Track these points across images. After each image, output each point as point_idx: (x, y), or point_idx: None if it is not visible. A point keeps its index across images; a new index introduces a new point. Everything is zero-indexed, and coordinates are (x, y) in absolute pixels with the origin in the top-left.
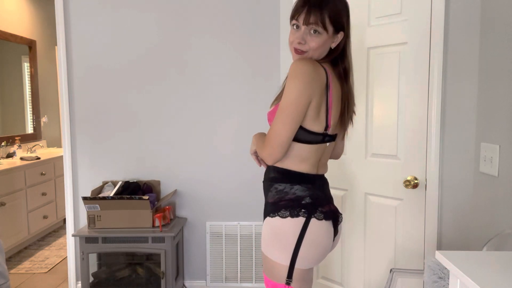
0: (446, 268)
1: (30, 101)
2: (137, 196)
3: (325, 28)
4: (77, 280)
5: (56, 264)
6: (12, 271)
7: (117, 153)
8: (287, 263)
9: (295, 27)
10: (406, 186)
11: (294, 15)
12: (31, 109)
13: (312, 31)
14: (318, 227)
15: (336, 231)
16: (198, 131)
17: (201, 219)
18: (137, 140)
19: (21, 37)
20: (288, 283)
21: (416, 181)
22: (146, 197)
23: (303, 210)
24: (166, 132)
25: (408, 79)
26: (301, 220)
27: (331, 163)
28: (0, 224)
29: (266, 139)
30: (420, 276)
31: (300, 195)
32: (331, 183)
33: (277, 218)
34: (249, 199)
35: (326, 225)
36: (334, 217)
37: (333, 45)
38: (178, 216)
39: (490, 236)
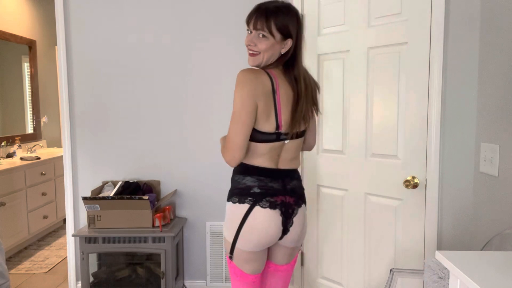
0: (446, 268)
1: (30, 101)
2: (137, 196)
3: (271, 33)
4: (77, 280)
5: (56, 264)
6: (12, 271)
7: (117, 153)
8: (231, 240)
9: (248, 32)
10: (406, 186)
11: (247, 21)
12: (31, 109)
13: (260, 35)
14: (261, 214)
15: (289, 222)
16: (198, 131)
17: (201, 219)
18: (137, 140)
19: (21, 37)
20: (230, 257)
21: (416, 181)
22: (146, 197)
23: (249, 198)
24: (166, 132)
25: (408, 79)
26: (245, 206)
27: (333, 164)
28: (0, 224)
29: (225, 145)
30: (420, 276)
31: (250, 185)
32: (331, 183)
33: (230, 203)
34: None
35: (270, 213)
36: (285, 208)
37: (283, 51)
38: (178, 216)
39: (490, 236)
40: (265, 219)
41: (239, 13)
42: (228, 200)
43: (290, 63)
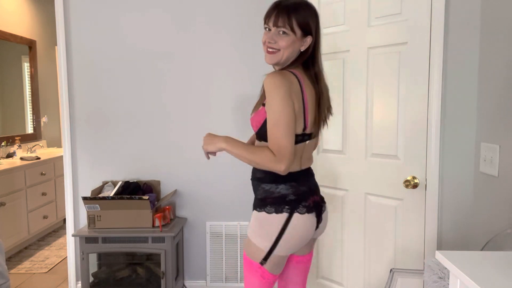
0: (446, 268)
1: (30, 101)
2: (137, 196)
3: (292, 30)
4: (77, 280)
5: (56, 264)
6: (12, 271)
7: (117, 153)
8: (266, 249)
9: (267, 30)
10: (406, 186)
11: (266, 19)
12: (31, 109)
13: (280, 32)
14: (300, 220)
15: (320, 219)
16: (198, 131)
17: (201, 219)
18: (137, 140)
19: (21, 37)
20: (262, 264)
21: (416, 181)
22: (146, 197)
23: (286, 206)
24: (166, 132)
25: (408, 79)
26: (284, 215)
27: (333, 164)
28: (0, 224)
29: (277, 153)
30: (420, 276)
31: (285, 193)
32: (331, 183)
33: (264, 213)
34: (249, 199)
35: (308, 217)
36: (317, 208)
37: (303, 48)
38: (178, 216)
39: (490, 236)
40: (304, 224)
41: (241, 14)
42: (261, 209)
43: (310, 62)
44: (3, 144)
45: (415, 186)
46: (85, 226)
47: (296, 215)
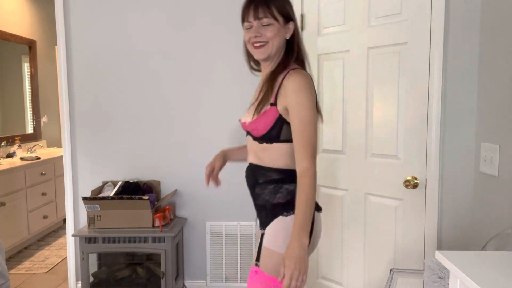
0: (446, 268)
1: (30, 101)
2: (137, 196)
3: (275, 18)
4: (77, 280)
5: (56, 264)
6: (12, 271)
7: (117, 153)
8: None
9: (247, 28)
10: (406, 186)
11: (244, 16)
12: (31, 109)
13: (264, 24)
14: (318, 218)
15: None
16: (198, 131)
17: (201, 219)
18: (137, 140)
19: (21, 37)
20: None
21: (416, 181)
22: (146, 197)
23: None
24: (166, 132)
25: (408, 79)
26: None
27: (333, 164)
28: (0, 224)
29: (310, 154)
30: (420, 276)
31: None
32: (331, 183)
33: (292, 216)
34: (249, 199)
35: (320, 215)
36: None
37: (288, 36)
38: (178, 216)
39: (490, 236)
40: (320, 221)
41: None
42: (288, 213)
43: (299, 57)
44: (3, 144)
45: (415, 186)
46: (85, 226)
47: (316, 213)
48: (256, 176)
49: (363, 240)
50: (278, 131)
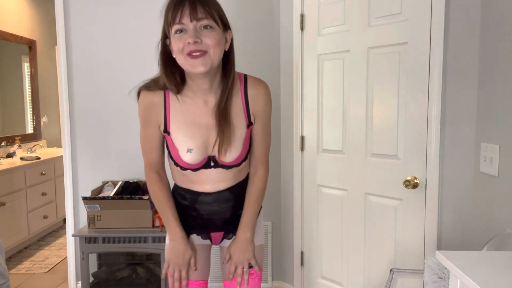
0: (446, 268)
1: (30, 101)
2: (137, 196)
3: (216, 21)
4: (77, 280)
5: (56, 264)
6: (12, 271)
7: (117, 153)
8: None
9: (178, 32)
10: (406, 186)
11: (175, 18)
12: (31, 109)
13: (202, 27)
14: (261, 216)
15: None
16: None
17: None
18: (137, 140)
19: (21, 37)
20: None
21: (416, 181)
22: (146, 197)
23: None
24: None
25: (408, 79)
26: None
27: (333, 164)
28: (0, 224)
29: (266, 160)
30: (420, 276)
31: None
32: (331, 183)
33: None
34: None
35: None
36: None
37: (227, 46)
38: None
39: (490, 236)
40: (262, 218)
41: (240, 14)
42: (260, 208)
43: (229, 65)
44: (3, 144)
45: (415, 186)
46: (85, 226)
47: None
48: (238, 192)
49: (363, 240)
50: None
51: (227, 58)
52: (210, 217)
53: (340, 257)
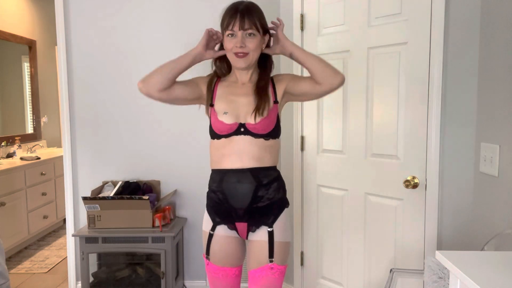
0: (446, 268)
1: (30, 101)
2: (137, 196)
3: (258, 30)
4: (77, 280)
5: (56, 264)
6: (12, 271)
7: (117, 153)
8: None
9: (230, 36)
10: (406, 186)
11: (228, 26)
12: (31, 109)
13: (247, 35)
14: None
15: None
16: (198, 131)
17: (201, 219)
18: (137, 140)
19: (21, 37)
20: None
21: (416, 181)
22: (146, 197)
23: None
24: (166, 132)
25: (408, 79)
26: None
27: (333, 164)
28: (0, 224)
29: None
30: (420, 276)
31: None
32: (331, 183)
33: (287, 209)
34: None
35: None
36: None
37: (264, 46)
38: (178, 216)
39: (490, 236)
40: None
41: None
42: (288, 205)
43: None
44: (3, 144)
45: (415, 186)
46: (85, 226)
47: None
48: (260, 179)
49: (363, 240)
50: (279, 127)
51: (266, 54)
52: (233, 200)
53: (340, 257)
